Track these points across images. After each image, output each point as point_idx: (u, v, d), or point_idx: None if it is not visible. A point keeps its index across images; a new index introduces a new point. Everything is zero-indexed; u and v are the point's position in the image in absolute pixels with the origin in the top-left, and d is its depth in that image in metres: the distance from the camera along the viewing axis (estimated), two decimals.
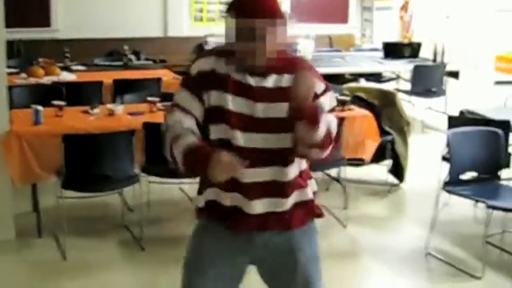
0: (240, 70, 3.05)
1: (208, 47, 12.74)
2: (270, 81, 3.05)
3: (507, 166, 6.23)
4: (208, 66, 3.09)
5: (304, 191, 3.25)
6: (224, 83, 3.05)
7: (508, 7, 14.03)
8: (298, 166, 3.17)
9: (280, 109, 3.00)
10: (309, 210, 3.30)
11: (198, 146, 2.97)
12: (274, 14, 3.00)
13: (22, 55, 9.84)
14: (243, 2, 3.02)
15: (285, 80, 3.05)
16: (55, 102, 6.40)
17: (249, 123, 3.03)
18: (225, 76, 3.06)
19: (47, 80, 8.32)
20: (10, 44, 5.79)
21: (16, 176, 5.76)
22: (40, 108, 6.04)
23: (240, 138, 3.03)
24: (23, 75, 8.43)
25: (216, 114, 3.06)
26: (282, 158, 3.08)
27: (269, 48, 2.98)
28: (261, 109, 3.03)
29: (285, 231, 3.19)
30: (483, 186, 5.78)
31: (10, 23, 5.77)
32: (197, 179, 3.21)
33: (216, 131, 3.07)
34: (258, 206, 3.08)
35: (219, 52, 3.13)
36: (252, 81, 3.04)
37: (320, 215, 3.39)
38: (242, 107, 3.04)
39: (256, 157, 3.02)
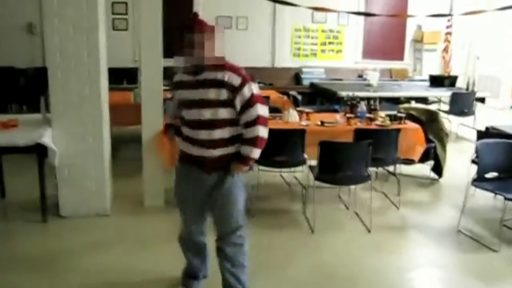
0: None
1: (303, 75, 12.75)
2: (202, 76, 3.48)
3: None
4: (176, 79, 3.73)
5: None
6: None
7: None
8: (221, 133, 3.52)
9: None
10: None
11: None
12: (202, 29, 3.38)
13: (173, 77, 9.96)
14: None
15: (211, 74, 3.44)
16: None
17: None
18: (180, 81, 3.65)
19: None
20: (165, 69, 5.85)
21: (166, 162, 5.83)
22: None
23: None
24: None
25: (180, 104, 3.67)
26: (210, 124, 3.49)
27: (206, 54, 3.40)
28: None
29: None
30: (502, 183, 5.53)
31: (166, 54, 5.83)
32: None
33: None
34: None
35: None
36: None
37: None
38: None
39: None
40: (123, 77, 10.44)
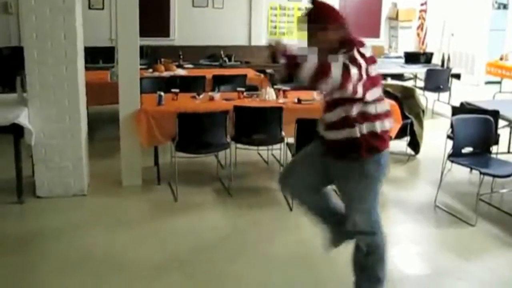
0: None
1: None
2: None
3: (496, 143, 6.00)
4: None
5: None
6: None
7: (499, 27, 13.56)
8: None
9: None
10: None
11: None
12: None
13: (149, 56, 9.84)
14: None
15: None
16: (172, 90, 6.34)
17: None
18: None
19: (166, 74, 8.30)
20: (141, 48, 5.75)
21: (143, 141, 5.75)
22: (162, 93, 6.01)
23: None
24: (150, 70, 8.43)
25: None
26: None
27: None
28: None
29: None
30: (477, 158, 5.55)
31: (142, 33, 5.74)
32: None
33: None
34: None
35: None
36: None
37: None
38: None
39: None
40: (99, 56, 10.24)
